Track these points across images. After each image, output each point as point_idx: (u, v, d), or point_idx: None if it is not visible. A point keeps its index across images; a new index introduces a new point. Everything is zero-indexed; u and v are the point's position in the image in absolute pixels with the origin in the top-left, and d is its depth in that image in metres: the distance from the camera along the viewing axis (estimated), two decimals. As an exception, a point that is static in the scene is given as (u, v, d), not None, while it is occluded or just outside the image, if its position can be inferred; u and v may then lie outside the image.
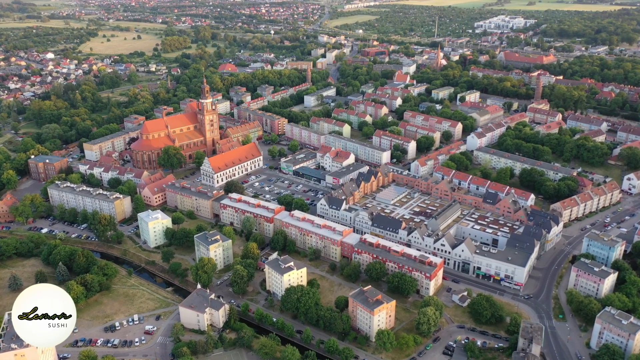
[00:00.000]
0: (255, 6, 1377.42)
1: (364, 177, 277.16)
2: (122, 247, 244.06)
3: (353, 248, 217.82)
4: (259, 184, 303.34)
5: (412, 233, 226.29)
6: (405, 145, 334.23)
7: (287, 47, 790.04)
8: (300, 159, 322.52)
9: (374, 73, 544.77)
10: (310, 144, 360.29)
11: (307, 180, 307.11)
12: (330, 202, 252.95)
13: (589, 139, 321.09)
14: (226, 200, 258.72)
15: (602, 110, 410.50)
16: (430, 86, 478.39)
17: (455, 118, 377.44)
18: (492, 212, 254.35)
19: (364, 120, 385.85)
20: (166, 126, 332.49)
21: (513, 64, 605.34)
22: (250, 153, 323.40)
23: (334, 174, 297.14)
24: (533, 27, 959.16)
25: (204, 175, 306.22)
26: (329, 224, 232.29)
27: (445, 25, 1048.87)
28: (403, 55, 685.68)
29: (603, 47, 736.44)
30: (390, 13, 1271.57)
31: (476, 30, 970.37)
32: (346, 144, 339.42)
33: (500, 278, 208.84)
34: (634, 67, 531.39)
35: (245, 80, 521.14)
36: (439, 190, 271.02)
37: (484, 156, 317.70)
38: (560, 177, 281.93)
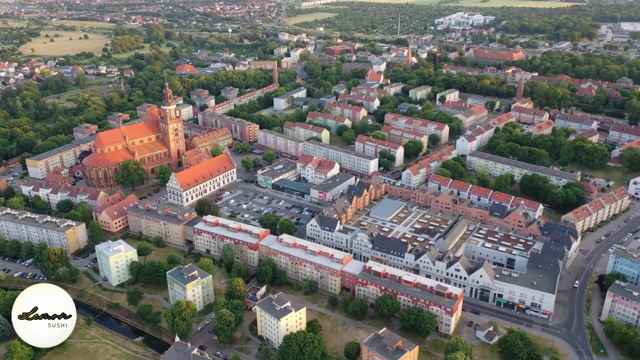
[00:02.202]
0: (209, 4, 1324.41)
1: (355, 191, 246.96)
2: (77, 286, 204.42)
3: (356, 279, 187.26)
4: (235, 201, 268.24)
5: (420, 257, 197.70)
6: (393, 151, 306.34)
7: (248, 46, 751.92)
8: (279, 170, 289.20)
9: (344, 72, 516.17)
10: (287, 153, 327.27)
11: (289, 194, 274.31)
12: (321, 222, 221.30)
13: (585, 140, 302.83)
14: (201, 225, 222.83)
15: (586, 108, 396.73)
16: (407, 85, 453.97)
17: (440, 120, 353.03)
18: (501, 227, 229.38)
19: (343, 124, 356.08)
20: (124, 137, 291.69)
21: (483, 60, 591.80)
22: (222, 165, 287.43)
23: (320, 187, 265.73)
24: (493, 24, 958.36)
25: (170, 193, 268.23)
26: (325, 250, 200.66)
27: (406, 22, 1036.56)
28: (370, 53, 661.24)
29: (566, 43, 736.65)
30: (349, 10, 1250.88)
31: (438, 27, 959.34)
32: (328, 151, 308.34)
33: (526, 307, 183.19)
34: (605, 63, 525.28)
35: (208, 82, 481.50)
36: (440, 203, 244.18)
37: (479, 162, 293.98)
38: (565, 183, 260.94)
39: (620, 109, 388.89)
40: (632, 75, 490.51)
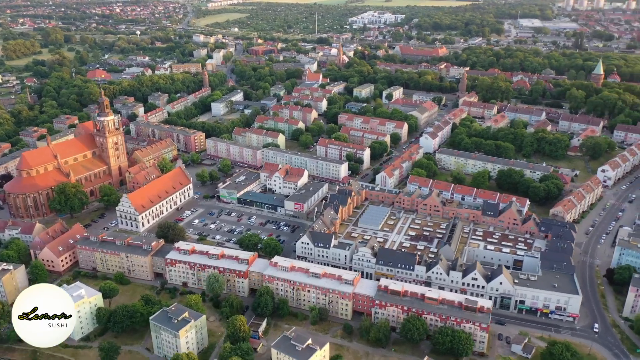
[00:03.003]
0: (107, 5, 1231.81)
1: (339, 200, 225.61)
2: (28, 346, 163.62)
3: (372, 301, 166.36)
4: (200, 221, 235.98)
5: (432, 268, 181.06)
6: (360, 153, 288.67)
7: (162, 49, 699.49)
8: (242, 182, 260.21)
9: (278, 73, 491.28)
10: (244, 162, 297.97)
11: (259, 209, 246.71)
12: (314, 238, 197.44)
13: (546, 131, 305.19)
14: (173, 254, 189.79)
15: (525, 100, 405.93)
16: (349, 84, 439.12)
17: (395, 118, 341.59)
18: (495, 226, 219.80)
19: (298, 127, 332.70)
20: (54, 156, 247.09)
21: (411, 57, 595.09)
22: (177, 181, 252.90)
23: (294, 198, 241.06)
24: (405, 22, 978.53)
25: (121, 218, 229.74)
26: (330, 270, 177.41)
27: (320, 21, 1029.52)
28: (295, 52, 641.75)
29: (479, 39, 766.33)
30: (259, 11, 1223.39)
31: (353, 26, 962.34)
32: (291, 158, 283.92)
33: (550, 311, 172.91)
34: (526, 57, 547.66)
35: (131, 88, 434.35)
36: (428, 206, 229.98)
37: (449, 159, 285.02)
38: (539, 175, 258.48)
39: (557, 99, 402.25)
40: (553, 67, 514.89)
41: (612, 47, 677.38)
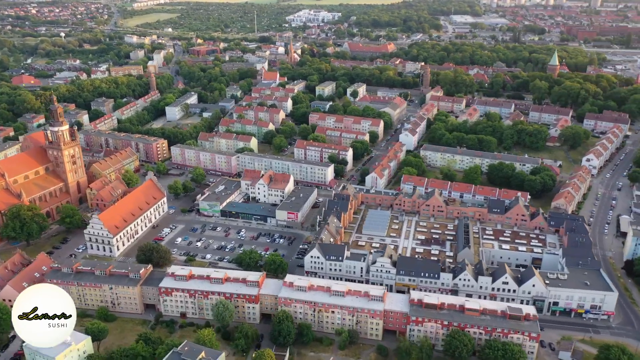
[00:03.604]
0: (20, 6, 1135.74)
1: (339, 206, 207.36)
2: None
3: (407, 317, 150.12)
4: (183, 239, 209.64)
5: (459, 275, 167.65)
6: (343, 154, 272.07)
7: (93, 51, 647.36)
8: (222, 192, 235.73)
9: (231, 73, 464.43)
10: (218, 170, 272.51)
11: (246, 221, 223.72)
12: (325, 251, 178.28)
13: (524, 123, 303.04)
14: (168, 282, 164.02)
15: (487, 93, 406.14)
16: (309, 83, 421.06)
17: (368, 115, 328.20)
18: (502, 223, 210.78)
19: (269, 129, 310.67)
20: (1, 175, 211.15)
21: (361, 54, 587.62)
22: (150, 195, 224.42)
23: (286, 207, 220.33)
24: (343, 19, 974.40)
25: (91, 243, 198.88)
26: (355, 287, 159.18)
27: (257, 20, 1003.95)
28: (240, 52, 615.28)
29: (420, 35, 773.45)
30: (190, 11, 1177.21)
31: (292, 24, 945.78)
32: (271, 162, 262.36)
33: (585, 310, 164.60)
34: (474, 51, 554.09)
35: (71, 94, 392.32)
36: (431, 207, 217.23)
37: (434, 155, 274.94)
38: (530, 168, 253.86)
39: (517, 91, 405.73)
40: (502, 60, 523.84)
41: (546, 41, 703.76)
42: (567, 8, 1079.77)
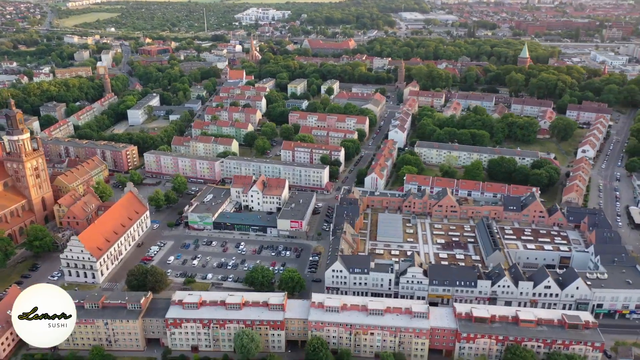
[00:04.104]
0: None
1: (349, 211, 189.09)
2: None
3: (457, 334, 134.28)
4: (176, 258, 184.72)
5: (499, 281, 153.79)
6: (336, 155, 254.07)
7: (31, 53, 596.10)
8: (212, 202, 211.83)
9: (193, 73, 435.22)
10: (199, 177, 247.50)
11: (243, 233, 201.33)
12: (348, 264, 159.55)
13: (513, 115, 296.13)
14: (176, 311, 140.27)
15: (462, 87, 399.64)
16: (279, 80, 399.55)
17: (352, 113, 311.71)
18: (518, 221, 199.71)
19: (249, 131, 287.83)
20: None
21: (322, 50, 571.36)
22: (132, 210, 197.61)
23: (288, 215, 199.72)
24: (294, 17, 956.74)
25: (69, 269, 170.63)
26: (395, 304, 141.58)
27: (204, 18, 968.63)
28: (194, 50, 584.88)
29: (375, 31, 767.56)
30: (130, 10, 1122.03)
31: (242, 22, 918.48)
32: (260, 166, 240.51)
33: (630, 311, 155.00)
34: (436, 46, 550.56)
35: (15, 98, 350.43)
36: (444, 208, 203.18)
37: (429, 152, 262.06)
38: (530, 162, 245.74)
39: (490, 84, 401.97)
40: (465, 54, 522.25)
41: (499, 35, 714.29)
42: (508, 5, 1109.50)
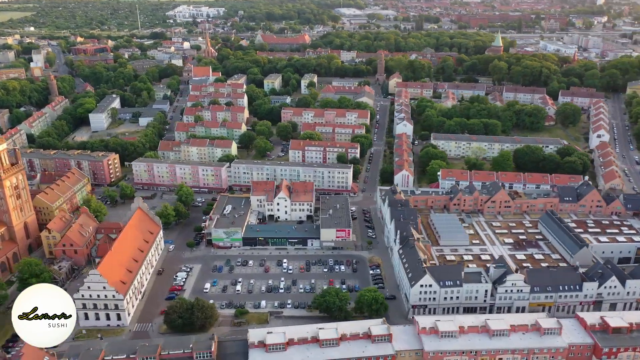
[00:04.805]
0: None
1: (405, 215, 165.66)
2: None
3: (596, 349, 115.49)
4: (212, 284, 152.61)
5: (606, 282, 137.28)
6: (353, 152, 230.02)
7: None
8: (234, 214, 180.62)
9: (152, 71, 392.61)
10: (202, 185, 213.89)
11: (280, 248, 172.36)
12: (438, 276, 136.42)
13: (518, 103, 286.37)
14: (259, 357, 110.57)
15: (441, 78, 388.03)
16: (251, 76, 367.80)
17: (347, 106, 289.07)
18: (575, 212, 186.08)
19: (245, 132, 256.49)
20: None
21: (278, 45, 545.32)
22: (146, 230, 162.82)
23: (329, 223, 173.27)
24: (233, 14, 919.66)
25: (87, 311, 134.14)
26: (514, 320, 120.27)
27: (133, 16, 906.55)
28: (137, 49, 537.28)
29: (322, 27, 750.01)
30: (46, 8, 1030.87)
31: (177, 20, 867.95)
32: (275, 170, 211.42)
33: None
34: (396, 38, 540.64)
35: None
36: (497, 203, 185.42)
37: (447, 145, 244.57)
38: (555, 149, 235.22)
39: (467, 74, 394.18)
40: (429, 46, 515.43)
41: (445, 28, 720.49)
42: (438, 0, 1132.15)
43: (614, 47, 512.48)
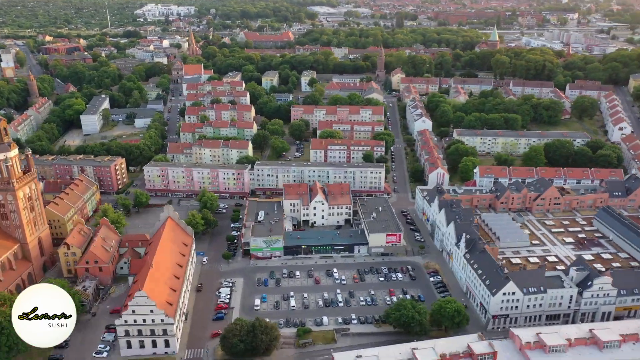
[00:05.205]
0: None
1: (461, 216, 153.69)
2: None
3: None
4: (263, 301, 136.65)
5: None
6: (379, 150, 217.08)
7: None
8: (270, 221, 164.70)
9: (138, 70, 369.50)
10: (223, 189, 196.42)
11: (324, 256, 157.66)
12: (522, 283, 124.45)
13: (534, 97, 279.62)
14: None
15: (439, 73, 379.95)
16: (246, 74, 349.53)
17: (357, 103, 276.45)
18: (624, 207, 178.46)
19: (259, 132, 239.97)
20: None
21: (262, 43, 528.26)
22: (180, 242, 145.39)
23: (377, 228, 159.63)
24: (204, 13, 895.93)
25: (130, 338, 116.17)
26: (621, 328, 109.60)
27: (100, 15, 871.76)
28: (113, 48, 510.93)
29: (301, 24, 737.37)
30: (4, 7, 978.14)
31: (148, 18, 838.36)
32: (302, 171, 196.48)
33: None
34: (383, 34, 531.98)
35: None
36: (546, 201, 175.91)
37: (473, 140, 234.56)
38: (583, 143, 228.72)
39: (470, 68, 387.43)
40: (418, 42, 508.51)
41: (424, 25, 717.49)
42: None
43: (599, 42, 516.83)
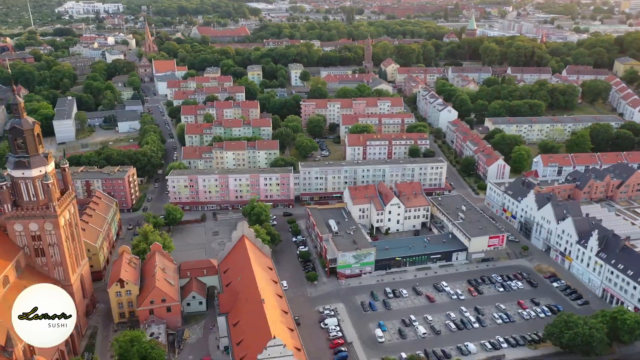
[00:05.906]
0: None
1: (571, 211, 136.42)
2: None
3: None
4: (383, 331, 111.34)
5: None
6: (423, 143, 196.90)
7: None
8: (346, 231, 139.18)
9: (100, 68, 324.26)
10: (262, 198, 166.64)
11: (420, 268, 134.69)
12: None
13: (547, 82, 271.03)
14: None
15: (427, 63, 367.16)
16: (226, 69, 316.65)
17: (369, 95, 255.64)
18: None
19: (280, 130, 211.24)
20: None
21: (219, 38, 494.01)
22: (266, 266, 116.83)
23: (472, 230, 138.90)
24: (135, 10, 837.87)
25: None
26: None
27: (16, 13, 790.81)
28: (49, 46, 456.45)
29: (245, 20, 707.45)
30: None
31: (74, 16, 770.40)
32: (355, 171, 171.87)
33: None
34: (346, 27, 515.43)
35: None
36: (630, 188, 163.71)
37: (508, 129, 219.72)
38: (619, 126, 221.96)
39: (456, 59, 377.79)
40: (381, 34, 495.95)
41: (374, 18, 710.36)
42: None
43: (554, 32, 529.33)
